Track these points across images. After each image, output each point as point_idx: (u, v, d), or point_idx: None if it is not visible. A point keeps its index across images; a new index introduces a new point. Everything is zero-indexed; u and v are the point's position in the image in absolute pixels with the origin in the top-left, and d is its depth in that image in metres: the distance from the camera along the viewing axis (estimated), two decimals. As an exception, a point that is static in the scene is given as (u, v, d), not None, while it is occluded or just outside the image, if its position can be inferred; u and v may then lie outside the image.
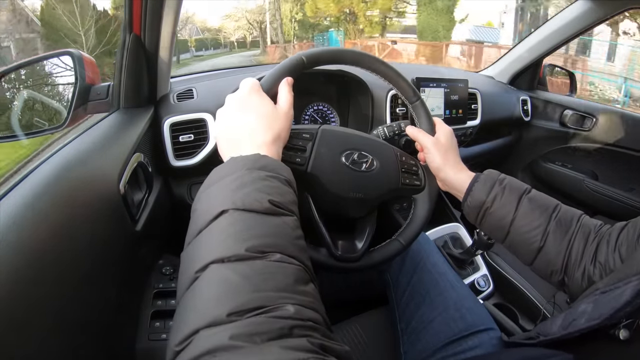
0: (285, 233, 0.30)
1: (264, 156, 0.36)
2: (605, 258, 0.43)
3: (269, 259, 0.27)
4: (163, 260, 0.67)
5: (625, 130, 1.18)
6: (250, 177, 0.33)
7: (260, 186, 0.32)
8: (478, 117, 1.13)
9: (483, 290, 0.96)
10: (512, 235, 0.51)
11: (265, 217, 0.30)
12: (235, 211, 0.30)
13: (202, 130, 0.72)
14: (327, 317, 0.27)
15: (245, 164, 0.34)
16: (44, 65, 0.64)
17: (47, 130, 0.61)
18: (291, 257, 0.28)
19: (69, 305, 0.36)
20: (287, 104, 0.44)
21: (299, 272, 0.28)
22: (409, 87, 0.56)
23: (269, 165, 0.35)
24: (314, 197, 0.51)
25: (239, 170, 0.33)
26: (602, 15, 1.07)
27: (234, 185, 0.32)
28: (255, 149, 0.38)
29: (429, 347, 0.56)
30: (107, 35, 9.43)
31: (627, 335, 0.35)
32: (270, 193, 0.32)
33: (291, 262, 0.28)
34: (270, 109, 0.42)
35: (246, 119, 0.41)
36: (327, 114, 0.98)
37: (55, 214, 0.37)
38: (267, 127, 0.40)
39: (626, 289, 0.35)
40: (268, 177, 0.33)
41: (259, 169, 0.34)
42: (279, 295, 0.25)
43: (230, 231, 0.28)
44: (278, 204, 0.31)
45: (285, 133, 0.43)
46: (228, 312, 0.23)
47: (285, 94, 0.45)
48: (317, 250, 0.51)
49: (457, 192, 0.56)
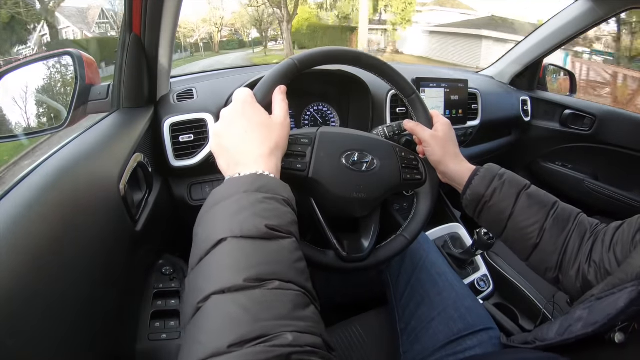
0: (283, 258, 0.31)
1: (261, 175, 0.36)
2: (600, 257, 0.44)
3: (267, 287, 0.28)
4: (163, 260, 0.67)
5: (626, 130, 1.18)
6: (247, 201, 0.33)
7: (257, 210, 0.32)
8: (478, 117, 1.13)
9: (483, 291, 0.96)
10: (509, 230, 0.51)
11: (263, 243, 0.31)
12: (233, 239, 0.30)
13: (202, 130, 0.72)
14: (328, 337, 0.28)
15: (242, 185, 0.35)
16: (44, 65, 0.64)
17: (47, 130, 0.61)
18: (289, 282, 0.29)
19: (69, 305, 0.36)
20: (283, 113, 0.44)
21: (297, 298, 0.28)
22: (404, 82, 0.56)
23: (266, 185, 0.35)
24: (317, 201, 0.51)
25: (236, 194, 0.34)
26: (602, 15, 1.07)
27: (232, 209, 0.33)
28: (252, 164, 0.38)
29: (429, 347, 0.56)
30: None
31: (622, 339, 0.35)
32: (267, 217, 0.32)
33: (289, 288, 0.29)
34: (265, 120, 0.42)
35: (241, 133, 0.40)
36: (327, 114, 0.98)
37: (55, 214, 0.37)
38: (264, 139, 0.40)
39: (621, 295, 0.35)
40: (265, 199, 0.34)
41: (256, 190, 0.34)
42: (277, 324, 0.26)
43: (228, 261, 0.29)
44: (275, 227, 0.32)
45: (283, 142, 0.43)
46: (229, 343, 0.24)
47: (280, 102, 0.45)
48: (325, 254, 0.51)
49: (457, 184, 0.56)
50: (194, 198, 0.76)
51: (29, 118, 0.61)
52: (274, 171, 0.39)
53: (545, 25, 1.23)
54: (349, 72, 0.88)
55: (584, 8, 1.09)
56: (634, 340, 0.35)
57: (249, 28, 17.67)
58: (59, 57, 0.63)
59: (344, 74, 0.88)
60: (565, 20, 1.15)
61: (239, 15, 17.59)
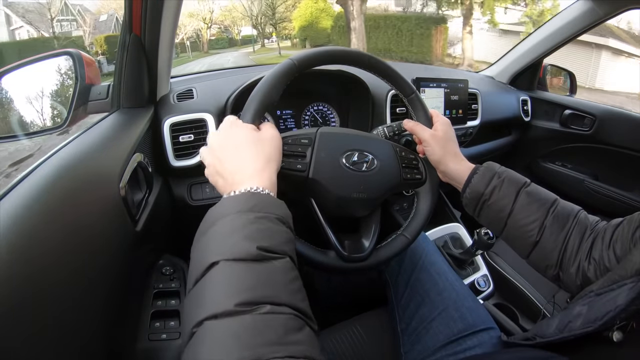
0: (276, 280, 0.31)
1: (255, 193, 0.36)
2: (599, 255, 0.44)
3: (259, 312, 0.28)
4: (163, 260, 0.67)
5: (626, 130, 1.18)
6: (240, 222, 0.33)
7: (249, 232, 0.32)
8: (478, 117, 1.13)
9: (483, 291, 0.95)
10: (509, 228, 0.51)
11: (255, 265, 0.31)
12: (225, 262, 0.30)
13: (202, 130, 0.72)
14: (323, 358, 0.28)
15: (235, 205, 0.35)
16: (44, 65, 0.64)
17: (47, 130, 0.61)
18: (282, 305, 0.29)
19: (69, 305, 0.36)
20: (270, 129, 0.45)
21: (289, 321, 0.28)
22: (403, 81, 0.57)
23: (259, 204, 0.35)
24: (317, 201, 0.51)
25: (229, 214, 0.34)
26: (602, 15, 1.07)
27: (224, 231, 0.33)
28: (246, 180, 0.38)
29: (429, 347, 0.56)
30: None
31: (620, 338, 0.35)
32: (259, 238, 0.32)
33: (281, 312, 0.29)
34: (254, 136, 0.43)
35: (232, 153, 0.41)
36: (327, 114, 0.98)
37: (55, 214, 0.37)
38: (255, 155, 0.41)
39: (620, 292, 0.35)
40: (258, 218, 0.34)
41: (248, 210, 0.34)
42: (269, 350, 0.26)
43: (220, 285, 0.30)
44: (267, 248, 0.32)
45: (276, 154, 0.43)
46: None
47: (266, 124, 0.46)
48: (326, 254, 0.51)
49: (457, 183, 0.56)
50: (194, 198, 0.76)
51: (29, 118, 0.61)
52: (268, 186, 0.39)
53: (545, 25, 1.23)
54: (349, 72, 0.88)
55: (584, 8, 1.09)
56: (632, 339, 0.35)
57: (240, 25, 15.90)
58: (59, 57, 0.63)
59: (344, 74, 0.88)
60: (565, 20, 1.15)
61: (228, 10, 15.87)
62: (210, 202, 0.47)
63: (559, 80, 1.49)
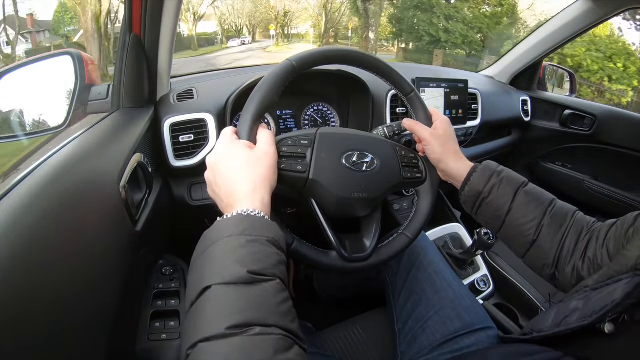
0: (266, 302, 0.32)
1: (247, 216, 0.38)
2: (593, 253, 0.44)
3: (248, 334, 0.29)
4: (163, 261, 0.67)
5: (626, 131, 1.18)
6: (231, 246, 0.35)
7: (239, 256, 0.33)
8: (478, 118, 1.13)
9: (483, 291, 0.96)
10: (506, 227, 0.51)
11: (245, 288, 0.32)
12: (218, 286, 0.32)
13: (202, 130, 0.72)
14: None
15: (228, 229, 0.36)
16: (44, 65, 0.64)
17: (47, 130, 0.61)
18: (272, 326, 0.30)
19: (69, 305, 0.36)
20: (267, 143, 0.46)
21: (278, 342, 0.29)
22: (402, 80, 0.57)
23: (250, 227, 0.36)
24: (318, 202, 0.52)
25: (221, 238, 0.35)
26: (602, 15, 1.07)
27: (217, 254, 0.34)
28: (239, 203, 0.40)
29: (426, 346, 0.56)
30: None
31: (612, 329, 0.36)
32: (249, 262, 0.33)
33: (271, 333, 0.30)
34: (247, 155, 0.44)
35: (225, 176, 0.43)
36: (327, 114, 0.98)
37: (55, 214, 0.37)
38: (247, 177, 0.42)
39: (617, 287, 0.35)
40: (249, 242, 0.35)
41: (239, 234, 0.35)
42: None
43: (212, 310, 0.31)
44: (257, 272, 0.33)
45: (269, 174, 0.44)
46: None
47: (262, 131, 0.47)
48: (327, 254, 0.51)
49: (457, 181, 0.56)
50: (194, 198, 0.76)
51: (29, 118, 0.61)
52: (260, 207, 0.40)
53: (545, 25, 1.23)
54: (348, 72, 0.88)
55: (584, 8, 1.09)
56: (623, 331, 0.35)
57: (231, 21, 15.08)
58: (59, 57, 0.63)
59: (344, 74, 0.87)
60: (565, 20, 1.15)
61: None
62: (211, 202, 0.47)
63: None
